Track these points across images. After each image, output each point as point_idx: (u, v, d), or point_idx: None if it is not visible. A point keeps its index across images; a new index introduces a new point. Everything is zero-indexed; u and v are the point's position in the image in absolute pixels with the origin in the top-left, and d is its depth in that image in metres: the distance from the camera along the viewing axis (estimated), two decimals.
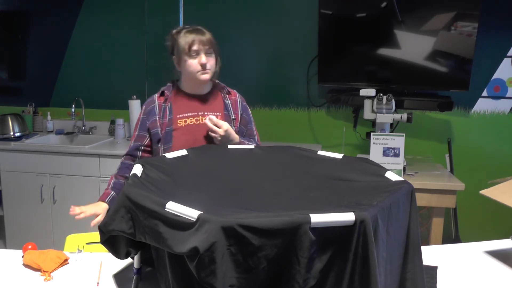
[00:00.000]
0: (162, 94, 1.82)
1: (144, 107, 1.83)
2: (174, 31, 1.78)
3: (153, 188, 1.14)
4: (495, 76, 3.00)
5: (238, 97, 1.88)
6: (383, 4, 2.84)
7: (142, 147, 1.79)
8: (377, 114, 2.71)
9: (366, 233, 0.89)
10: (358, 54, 2.98)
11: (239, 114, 1.84)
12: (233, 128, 1.77)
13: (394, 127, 2.98)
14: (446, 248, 1.66)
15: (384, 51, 2.90)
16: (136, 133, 1.80)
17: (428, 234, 2.66)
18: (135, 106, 3.31)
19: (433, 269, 1.41)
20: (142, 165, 1.27)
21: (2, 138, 3.27)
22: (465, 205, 3.02)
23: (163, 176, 1.26)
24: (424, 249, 1.25)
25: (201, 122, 1.76)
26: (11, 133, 3.32)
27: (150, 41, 3.43)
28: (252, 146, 1.62)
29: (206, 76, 1.73)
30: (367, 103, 2.77)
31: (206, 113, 1.77)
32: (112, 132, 3.49)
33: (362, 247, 0.89)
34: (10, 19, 3.68)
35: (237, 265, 0.87)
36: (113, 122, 3.49)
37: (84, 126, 3.57)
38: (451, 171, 2.90)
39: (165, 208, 0.95)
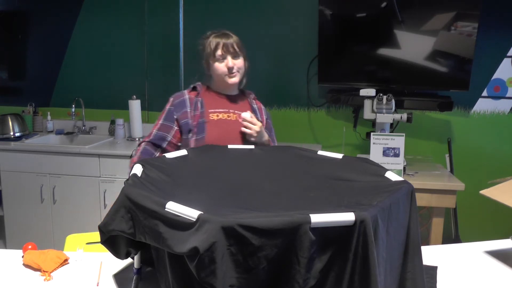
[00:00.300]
0: (194, 89, 1.85)
1: (171, 99, 1.84)
2: (204, 36, 1.83)
3: (153, 188, 1.14)
4: (495, 76, 3.00)
5: (262, 105, 1.96)
6: (383, 4, 2.84)
7: (169, 138, 1.77)
8: (377, 114, 2.71)
9: (366, 233, 0.89)
10: (358, 54, 2.98)
11: (264, 118, 1.91)
12: None
13: (394, 127, 2.98)
14: (446, 248, 1.66)
15: (384, 51, 2.90)
16: (161, 122, 1.80)
17: (428, 234, 2.66)
18: (135, 106, 3.31)
19: (433, 269, 1.41)
20: (142, 165, 1.27)
21: (2, 138, 3.27)
22: (465, 205, 3.02)
23: (163, 176, 1.26)
24: (424, 249, 1.25)
25: (232, 119, 1.80)
26: (11, 133, 3.32)
27: (150, 41, 3.44)
28: (253, 146, 1.62)
29: (234, 80, 1.79)
30: (367, 103, 2.77)
31: (236, 111, 1.82)
32: (112, 132, 3.49)
33: (362, 247, 0.89)
34: (10, 19, 3.68)
35: (237, 265, 0.87)
36: (113, 122, 3.49)
37: (84, 126, 3.57)
38: (451, 171, 2.90)
39: (165, 208, 0.95)
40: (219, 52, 1.75)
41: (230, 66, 1.76)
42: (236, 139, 1.75)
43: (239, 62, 1.79)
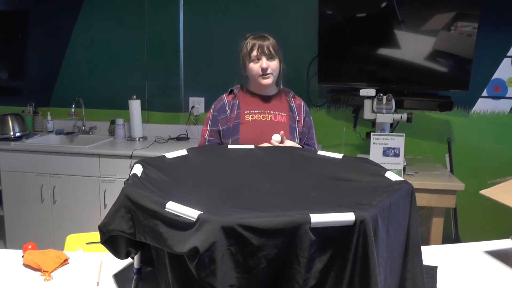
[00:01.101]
0: (231, 92, 1.92)
1: (213, 106, 1.92)
2: (243, 38, 1.89)
3: (153, 188, 1.14)
4: (495, 76, 3.00)
5: (302, 102, 1.99)
6: (383, 4, 2.84)
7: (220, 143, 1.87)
8: (377, 114, 2.71)
9: (366, 233, 0.89)
10: (358, 54, 2.98)
11: (302, 117, 1.93)
12: (296, 129, 1.87)
13: (394, 127, 2.98)
14: (446, 248, 1.66)
15: (384, 51, 2.90)
16: (209, 128, 1.88)
17: (428, 234, 2.66)
18: (135, 106, 3.31)
19: (433, 269, 1.41)
20: (142, 165, 1.27)
21: (2, 138, 3.27)
22: (465, 205, 3.02)
23: (163, 176, 1.26)
24: (424, 249, 1.25)
25: (267, 119, 1.84)
26: (11, 133, 3.32)
27: (150, 41, 3.44)
28: (252, 146, 1.62)
29: (267, 81, 1.83)
30: (367, 103, 2.77)
31: (272, 112, 1.86)
32: (112, 132, 3.49)
33: (362, 247, 0.89)
34: (10, 19, 3.68)
35: (237, 265, 0.87)
36: (113, 122, 3.49)
37: (84, 126, 3.57)
38: (451, 171, 2.90)
39: (165, 208, 0.95)
40: (254, 53, 1.81)
41: (264, 67, 1.80)
42: (270, 139, 1.76)
43: (274, 64, 1.83)
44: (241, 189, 1.27)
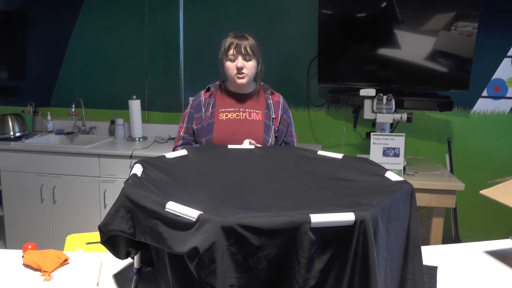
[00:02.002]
0: (208, 89, 1.93)
1: (191, 102, 1.94)
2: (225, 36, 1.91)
3: (153, 188, 1.14)
4: (495, 76, 3.00)
5: (281, 99, 1.97)
6: (383, 4, 2.84)
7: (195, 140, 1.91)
8: (377, 114, 2.71)
9: (366, 233, 0.89)
10: (358, 54, 2.98)
11: (279, 114, 1.93)
12: (272, 127, 1.87)
13: (394, 127, 2.98)
14: (446, 248, 1.66)
15: (384, 51, 2.90)
16: (185, 125, 1.91)
17: (428, 234, 2.66)
18: (135, 106, 3.31)
19: (433, 269, 1.41)
20: (142, 165, 1.27)
21: (2, 138, 3.27)
22: (465, 205, 3.02)
23: (163, 176, 1.26)
24: (424, 249, 1.25)
25: (241, 118, 1.85)
26: (11, 133, 3.32)
27: (150, 41, 3.43)
28: (252, 146, 1.62)
29: (242, 81, 1.84)
30: (367, 103, 2.77)
31: (247, 110, 1.87)
32: (112, 132, 3.49)
33: (362, 247, 0.89)
34: (10, 19, 3.68)
35: (237, 265, 0.87)
36: (113, 122, 3.49)
37: (84, 126, 3.57)
38: (451, 171, 2.90)
39: (165, 208, 0.95)
40: (231, 52, 1.81)
41: (239, 67, 1.81)
42: (243, 138, 1.76)
43: (250, 65, 1.83)
44: (241, 189, 1.27)
